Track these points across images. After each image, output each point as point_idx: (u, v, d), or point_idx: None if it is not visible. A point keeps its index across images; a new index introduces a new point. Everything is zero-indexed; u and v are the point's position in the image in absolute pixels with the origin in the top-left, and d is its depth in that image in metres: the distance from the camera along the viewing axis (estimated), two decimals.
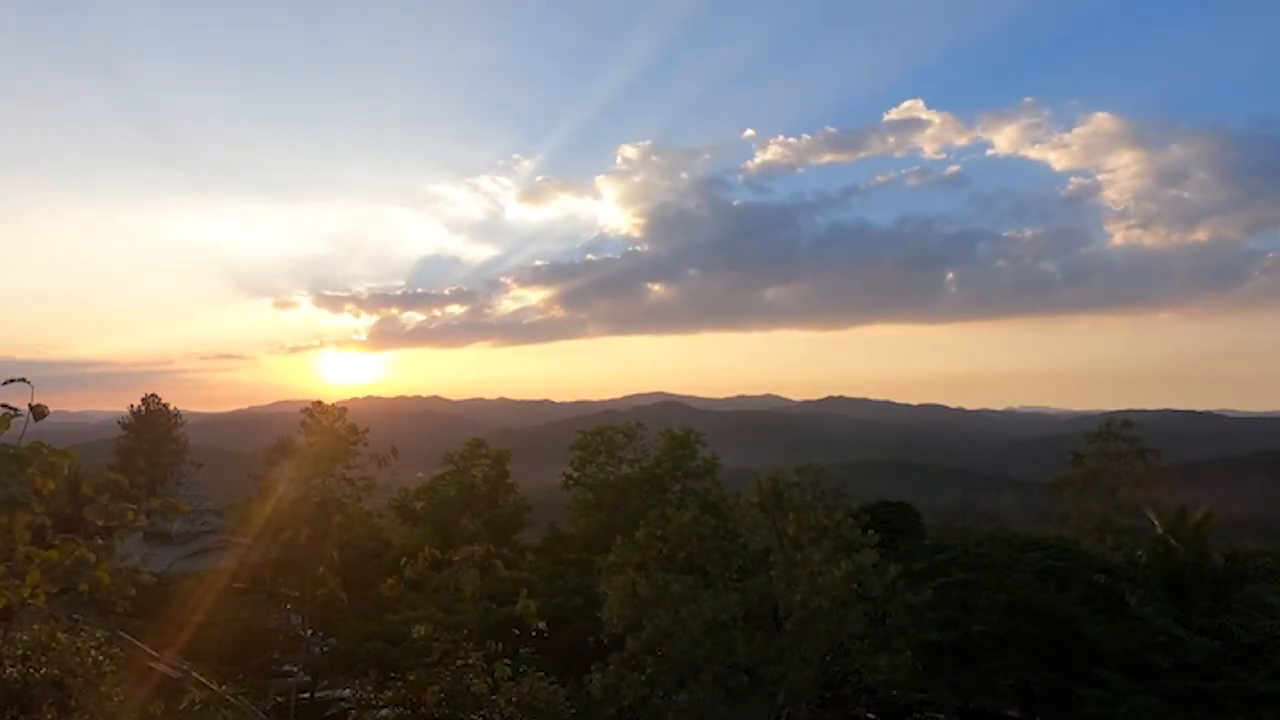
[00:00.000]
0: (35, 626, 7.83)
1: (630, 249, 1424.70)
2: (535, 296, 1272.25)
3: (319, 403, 38.37)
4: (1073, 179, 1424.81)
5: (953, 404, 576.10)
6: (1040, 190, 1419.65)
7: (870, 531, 25.62)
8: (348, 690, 32.04)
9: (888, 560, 25.36)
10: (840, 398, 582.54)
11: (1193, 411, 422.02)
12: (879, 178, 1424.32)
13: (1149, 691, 24.76)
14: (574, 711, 15.54)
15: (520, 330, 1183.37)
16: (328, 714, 32.93)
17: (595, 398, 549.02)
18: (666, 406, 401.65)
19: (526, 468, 72.51)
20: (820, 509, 26.75)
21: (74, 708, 7.13)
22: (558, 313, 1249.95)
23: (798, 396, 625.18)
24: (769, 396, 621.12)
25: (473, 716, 11.56)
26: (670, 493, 45.50)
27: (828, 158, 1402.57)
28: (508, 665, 11.92)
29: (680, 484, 46.69)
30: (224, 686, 9.66)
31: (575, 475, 49.90)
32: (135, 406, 74.24)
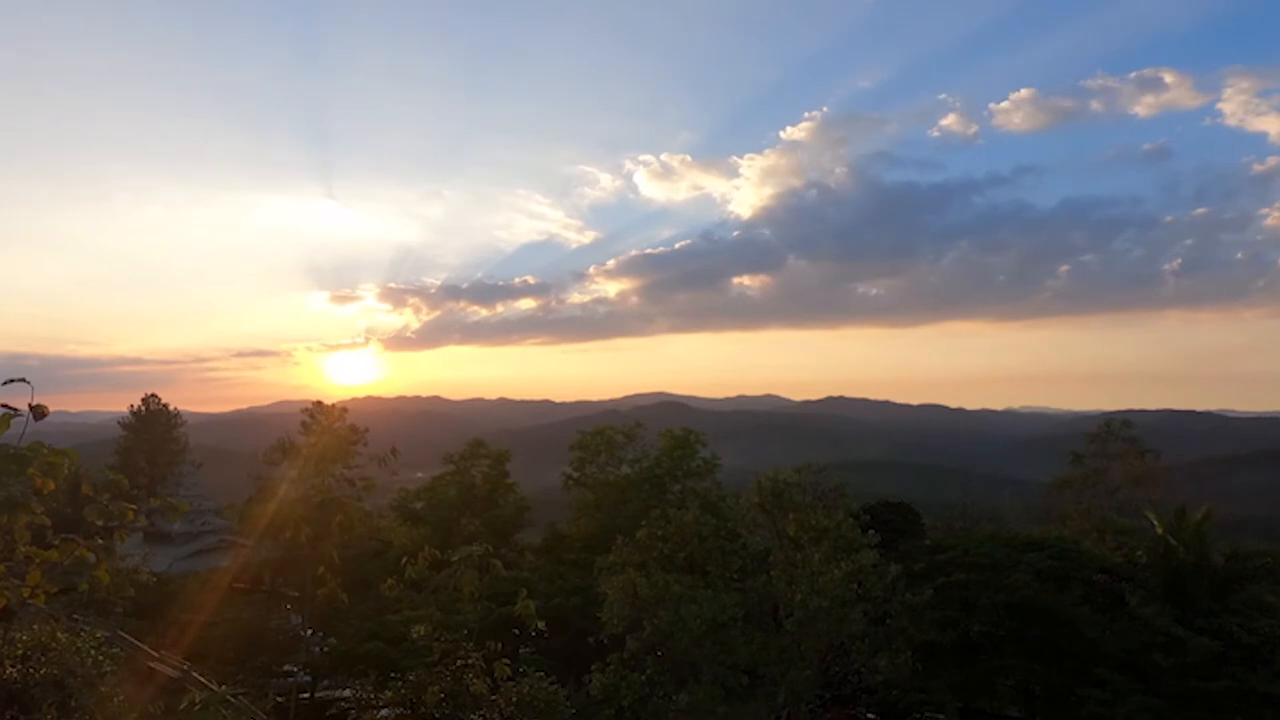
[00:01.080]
0: (35, 626, 7.83)
1: (737, 235, 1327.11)
2: (615, 289, 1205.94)
3: (319, 403, 38.38)
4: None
5: (953, 404, 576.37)
6: (1239, 166, 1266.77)
7: (870, 531, 25.62)
8: (348, 690, 32.03)
9: (888, 560, 25.37)
10: (840, 398, 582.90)
11: (1193, 411, 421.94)
12: (1077, 150, 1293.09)
13: (1149, 692, 24.75)
14: (574, 711, 15.53)
15: (583, 326, 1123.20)
16: (328, 714, 32.93)
17: (595, 398, 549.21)
18: (666, 406, 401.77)
19: (526, 468, 72.54)
20: (820, 509, 26.74)
21: (74, 708, 7.13)
22: (631, 306, 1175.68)
23: (797, 396, 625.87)
24: (769, 396, 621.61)
25: (473, 716, 11.56)
26: (670, 493, 45.48)
27: (1026, 126, 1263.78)
28: (508, 665, 11.92)
29: (680, 484, 46.69)
30: (224, 686, 9.65)
31: (575, 475, 49.89)
32: (135, 407, 74.29)
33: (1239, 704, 24.62)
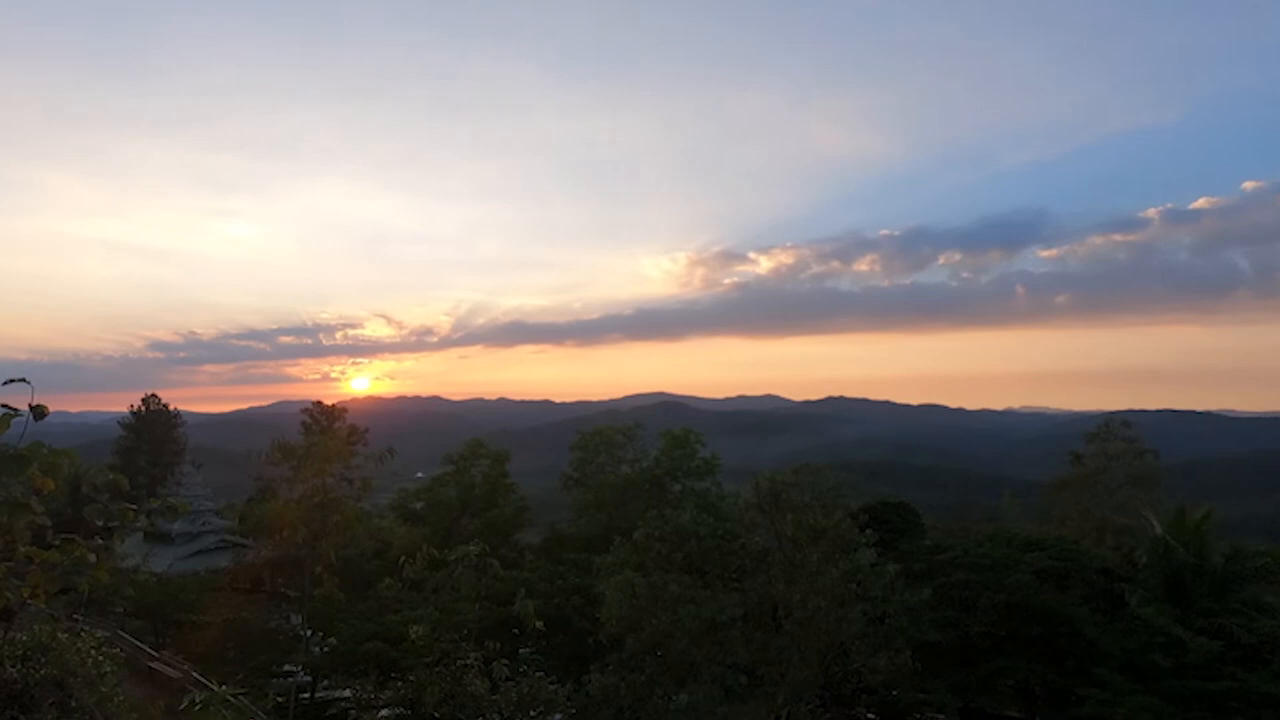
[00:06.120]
0: (35, 626, 7.83)
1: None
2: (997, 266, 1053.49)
3: (319, 403, 38.40)
4: None
5: (953, 404, 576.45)
6: None
7: (868, 531, 25.61)
8: (348, 690, 32.04)
9: (886, 560, 25.37)
10: (840, 398, 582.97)
11: (1193, 411, 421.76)
12: None
13: (1149, 692, 24.75)
14: (573, 711, 15.55)
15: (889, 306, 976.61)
16: (328, 714, 32.93)
17: (595, 398, 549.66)
18: (666, 406, 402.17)
19: (526, 468, 72.60)
20: (818, 509, 26.72)
21: (74, 708, 7.13)
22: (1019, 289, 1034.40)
23: (798, 396, 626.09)
24: (769, 396, 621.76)
25: (473, 716, 11.56)
26: (670, 493, 45.50)
27: None
28: (507, 665, 11.93)
29: (680, 484, 46.71)
30: (224, 686, 9.66)
31: (575, 475, 49.91)
32: (135, 407, 74.34)
33: (1239, 704, 24.59)
